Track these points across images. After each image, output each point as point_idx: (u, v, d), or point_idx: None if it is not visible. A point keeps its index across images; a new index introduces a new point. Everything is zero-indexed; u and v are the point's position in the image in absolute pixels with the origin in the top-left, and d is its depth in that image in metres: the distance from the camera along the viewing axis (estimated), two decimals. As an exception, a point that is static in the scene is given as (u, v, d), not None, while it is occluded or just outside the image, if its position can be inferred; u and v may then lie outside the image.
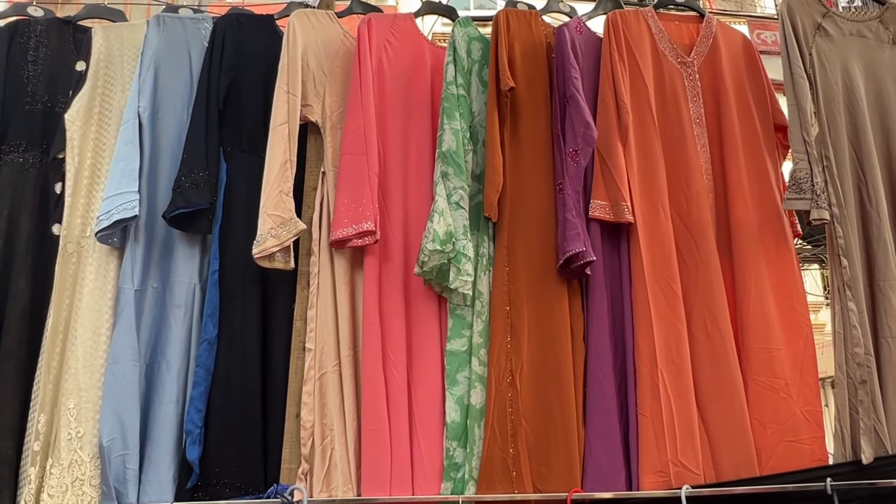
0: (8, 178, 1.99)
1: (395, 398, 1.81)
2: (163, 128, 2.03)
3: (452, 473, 1.77)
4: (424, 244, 1.75)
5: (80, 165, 2.00)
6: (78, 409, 1.80)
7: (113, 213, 1.84)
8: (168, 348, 1.85)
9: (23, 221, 1.96)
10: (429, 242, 1.74)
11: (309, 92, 2.03)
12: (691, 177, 1.97)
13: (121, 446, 1.75)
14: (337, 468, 1.77)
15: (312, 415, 1.79)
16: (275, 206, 1.83)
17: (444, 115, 1.93)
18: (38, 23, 2.17)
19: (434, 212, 1.79)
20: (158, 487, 1.76)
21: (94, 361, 1.84)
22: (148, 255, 1.94)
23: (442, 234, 1.76)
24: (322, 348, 1.85)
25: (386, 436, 1.77)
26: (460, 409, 1.81)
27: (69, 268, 1.93)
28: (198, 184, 1.88)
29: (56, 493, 1.74)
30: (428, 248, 1.74)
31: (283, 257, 1.85)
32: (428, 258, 1.75)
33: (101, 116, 2.06)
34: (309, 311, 1.88)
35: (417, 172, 2.01)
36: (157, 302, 1.91)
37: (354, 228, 1.84)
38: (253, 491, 1.77)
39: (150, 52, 2.07)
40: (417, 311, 1.89)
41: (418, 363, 1.85)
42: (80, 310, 1.87)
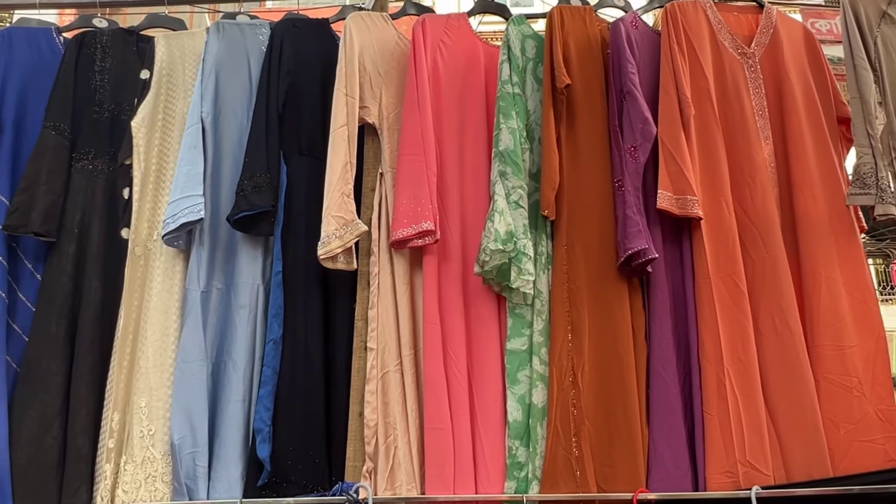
0: (78, 184, 2.04)
1: (457, 397, 1.79)
2: (224, 132, 2.06)
3: (516, 472, 1.75)
4: (485, 244, 1.74)
5: (146, 171, 2.04)
6: (149, 408, 1.84)
7: (179, 217, 1.87)
8: (234, 348, 1.87)
9: (93, 226, 2.01)
10: (490, 242, 1.72)
11: (366, 94, 2.03)
12: (755, 170, 1.91)
13: (191, 444, 1.78)
14: (401, 466, 1.76)
15: (376, 413, 1.79)
16: (338, 208, 1.84)
17: (501, 113, 1.91)
18: (103, 33, 2.21)
19: (494, 211, 1.77)
20: (227, 484, 1.78)
21: (163, 361, 1.87)
22: (212, 257, 1.97)
23: (503, 233, 1.73)
24: (383, 348, 1.84)
25: (448, 434, 1.76)
26: (522, 408, 1.78)
27: (137, 270, 1.97)
28: (260, 187, 1.89)
29: (130, 488, 1.78)
30: (490, 248, 1.72)
31: (346, 258, 1.86)
32: (489, 258, 1.73)
33: (165, 123, 2.10)
34: (370, 311, 1.88)
35: (474, 171, 1.99)
36: (222, 303, 1.94)
37: (414, 228, 1.83)
38: (318, 489, 1.78)
39: (211, 58, 2.10)
40: (477, 310, 1.88)
41: (478, 362, 1.84)
42: (149, 311, 1.91)
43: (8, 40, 2.16)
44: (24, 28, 2.24)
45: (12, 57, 2.14)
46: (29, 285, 1.99)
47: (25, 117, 2.11)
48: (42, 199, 1.95)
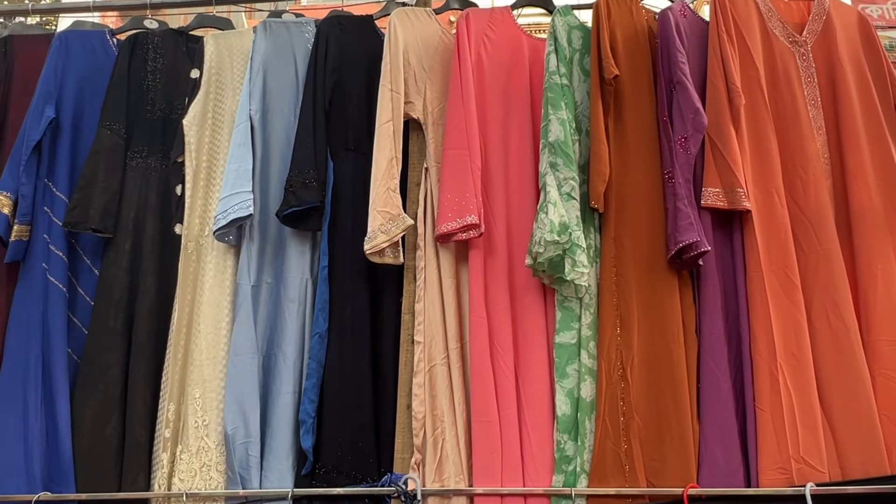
0: (133, 182, 2.08)
1: (504, 390, 1.79)
2: (272, 129, 2.08)
3: (564, 466, 1.74)
4: (540, 235, 1.72)
5: (196, 168, 2.08)
6: (203, 399, 1.87)
7: (229, 213, 1.90)
8: (284, 341, 1.90)
9: (148, 222, 2.06)
10: (545, 233, 1.70)
11: (410, 89, 2.03)
12: (808, 161, 1.86)
13: (243, 434, 1.81)
14: (448, 459, 1.77)
15: (423, 406, 1.80)
16: (384, 203, 1.84)
17: (549, 105, 1.89)
18: (154, 35, 2.26)
19: (547, 202, 1.75)
20: (279, 474, 1.80)
21: (216, 353, 1.91)
22: (262, 252, 2.00)
23: (557, 224, 1.71)
24: (430, 341, 1.85)
25: (496, 427, 1.75)
26: (570, 401, 1.77)
27: (190, 265, 2.01)
28: (308, 183, 1.91)
29: (186, 477, 1.82)
30: (545, 239, 1.70)
31: (393, 252, 1.86)
32: (543, 249, 1.71)
33: (215, 121, 2.13)
34: (416, 305, 1.88)
35: (518, 165, 1.98)
36: (272, 297, 1.96)
37: (459, 222, 1.83)
38: (367, 479, 1.79)
39: (259, 56, 2.13)
40: (523, 303, 1.87)
41: (525, 356, 1.83)
42: (202, 305, 1.95)
43: (65, 44, 2.22)
44: (79, 31, 2.30)
45: (69, 59, 2.20)
46: (88, 280, 2.05)
47: (82, 117, 2.17)
48: (99, 196, 2.01)
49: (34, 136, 2.05)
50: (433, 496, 1.75)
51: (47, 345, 1.94)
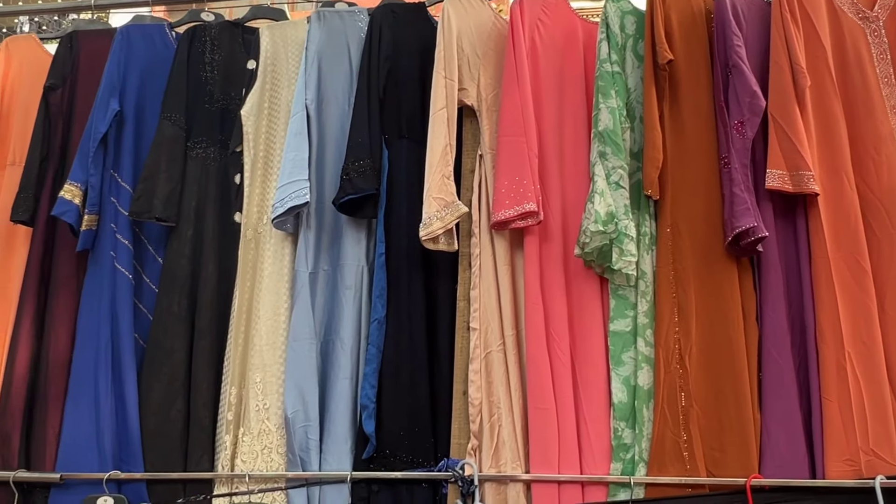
0: (193, 172, 2.12)
1: (560, 378, 1.77)
2: (327, 118, 2.10)
3: (622, 454, 1.72)
4: (586, 225, 1.69)
5: (254, 157, 2.11)
6: (263, 383, 1.91)
7: (287, 201, 1.93)
8: (341, 327, 1.92)
9: (208, 211, 2.10)
10: (590, 223, 1.68)
11: (464, 76, 2.01)
12: (880, 142, 1.78)
13: (303, 418, 1.84)
14: (505, 445, 1.77)
15: (479, 392, 1.80)
16: (438, 190, 1.84)
17: (599, 93, 1.85)
18: (211, 27, 2.29)
19: (594, 192, 1.73)
20: (338, 457, 1.83)
21: (275, 339, 1.94)
22: (319, 240, 2.02)
23: (603, 214, 1.69)
24: (486, 328, 1.84)
25: (553, 415, 1.74)
26: (627, 389, 1.74)
27: (249, 253, 2.05)
28: (364, 171, 1.92)
29: (248, 458, 1.86)
30: (590, 230, 1.68)
31: (447, 239, 1.86)
32: (590, 239, 1.69)
33: (271, 111, 2.16)
34: (472, 292, 1.88)
35: (574, 151, 1.95)
36: (329, 284, 1.98)
37: (516, 210, 1.81)
38: (424, 464, 1.80)
39: (314, 46, 2.14)
40: (579, 291, 1.85)
41: (581, 343, 1.81)
42: (261, 292, 1.98)
43: (127, 38, 2.27)
44: (139, 25, 2.35)
45: (131, 53, 2.25)
46: (152, 268, 2.11)
47: (144, 109, 2.21)
48: (162, 186, 2.05)
49: (101, 129, 2.10)
50: (490, 482, 1.75)
51: (116, 330, 2.00)
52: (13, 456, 1.93)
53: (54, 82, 2.25)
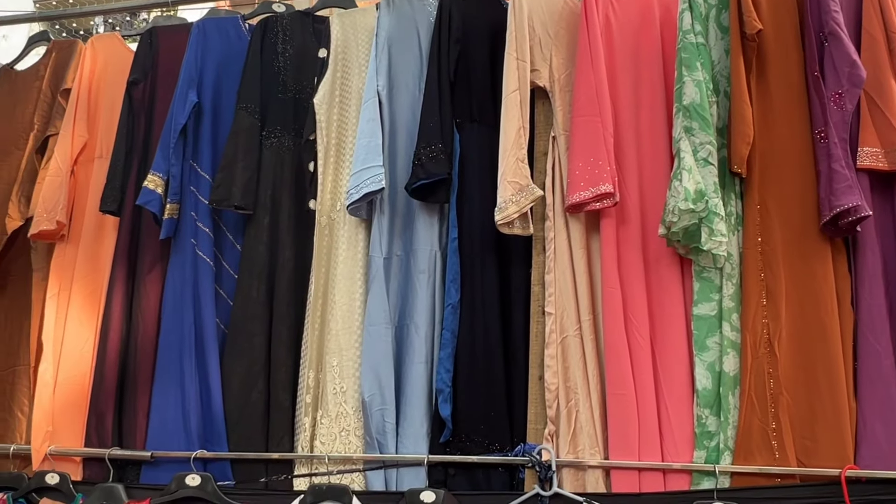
0: (269, 161, 2.16)
1: (640, 363, 1.72)
2: (398, 104, 2.09)
3: (706, 442, 1.65)
4: (674, 203, 1.62)
5: (327, 145, 2.12)
6: (340, 367, 1.93)
7: (362, 187, 1.93)
8: (415, 312, 1.92)
9: (284, 199, 2.13)
10: (679, 201, 1.61)
11: (536, 57, 1.97)
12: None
13: (380, 402, 1.85)
14: (583, 431, 1.73)
15: (556, 377, 1.77)
16: (513, 174, 1.80)
17: (683, 66, 1.77)
18: (283, 18, 2.31)
19: (681, 169, 1.65)
20: (414, 441, 1.83)
21: (351, 324, 1.95)
22: (392, 226, 2.02)
23: (692, 191, 1.61)
24: (562, 312, 1.81)
25: (632, 401, 1.70)
26: (712, 375, 1.68)
27: (324, 239, 2.07)
28: (436, 155, 1.91)
29: (326, 440, 1.89)
30: (679, 208, 1.60)
31: (522, 223, 1.83)
32: (678, 218, 1.62)
33: (342, 98, 2.17)
34: (546, 276, 1.85)
35: (651, 130, 1.88)
36: (402, 269, 1.98)
37: (592, 192, 1.76)
38: (499, 448, 1.79)
39: (384, 32, 2.13)
40: (658, 274, 1.78)
41: (661, 328, 1.75)
42: (336, 277, 2.00)
43: (203, 31, 2.32)
44: (214, 18, 2.40)
45: (207, 46, 2.30)
46: (231, 254, 2.16)
47: (221, 100, 2.26)
48: (240, 175, 2.09)
49: (181, 120, 2.16)
50: (568, 467, 1.73)
51: (199, 314, 2.06)
52: (108, 434, 2.02)
53: (136, 77, 2.32)
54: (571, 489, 1.69)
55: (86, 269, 2.22)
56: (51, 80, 2.44)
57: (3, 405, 2.16)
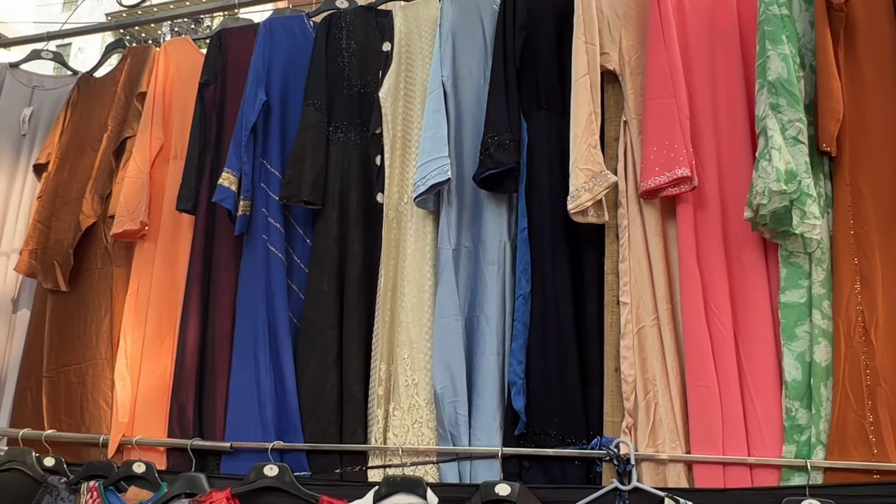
0: (336, 155, 2.17)
1: (722, 354, 1.65)
2: (463, 94, 2.07)
3: (795, 436, 1.57)
4: (763, 185, 1.54)
5: (393, 138, 2.12)
6: (411, 359, 1.93)
7: (428, 179, 1.92)
8: (485, 303, 1.89)
9: (352, 193, 2.14)
10: (771, 182, 1.52)
11: (605, 39, 1.91)
12: None
13: (451, 394, 1.84)
14: (662, 424, 1.67)
15: (633, 369, 1.71)
16: (585, 160, 1.75)
17: (767, 39, 1.67)
18: (346, 13, 2.32)
19: (770, 148, 1.56)
20: (487, 433, 1.81)
21: (421, 316, 1.95)
22: (460, 217, 2.00)
23: (783, 171, 1.52)
24: (638, 302, 1.75)
25: (715, 393, 1.62)
26: (801, 366, 1.59)
27: (392, 232, 2.07)
28: (504, 144, 1.87)
29: (399, 432, 1.89)
30: (771, 189, 1.52)
31: (597, 211, 1.77)
32: (768, 200, 1.53)
33: (407, 91, 2.16)
34: (621, 265, 1.79)
35: (728, 110, 1.79)
36: (471, 260, 1.96)
37: (668, 176, 1.69)
38: (575, 441, 1.75)
39: (447, 23, 2.11)
40: (740, 260, 1.70)
41: (745, 317, 1.67)
42: (405, 270, 1.99)
43: (269, 31, 2.35)
44: (280, 18, 2.43)
45: (274, 45, 2.33)
46: (301, 249, 2.18)
47: (288, 98, 2.29)
48: (309, 171, 2.11)
49: (251, 119, 2.20)
50: (647, 461, 1.67)
51: (272, 308, 2.09)
52: (189, 425, 2.08)
53: (207, 79, 2.38)
54: (651, 484, 1.63)
55: (164, 266, 2.29)
56: (126, 84, 2.53)
57: (87, 397, 2.25)
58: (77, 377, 2.25)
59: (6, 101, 2.67)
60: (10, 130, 2.64)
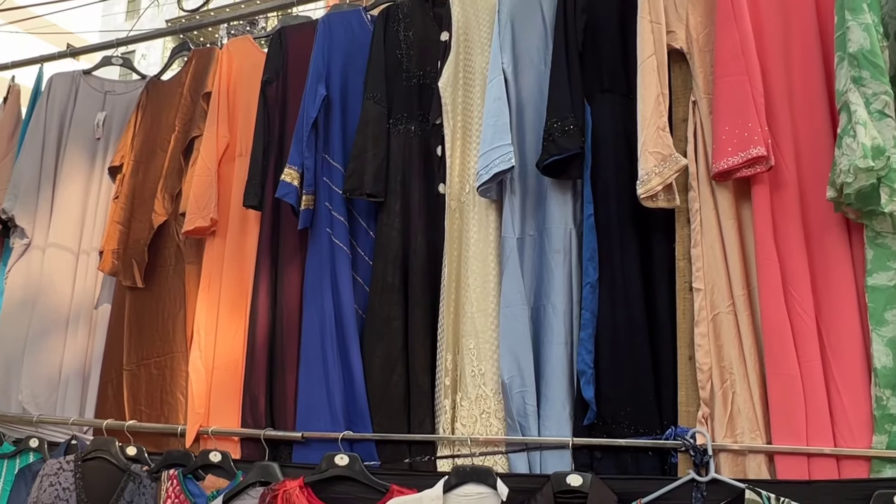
0: (397, 147, 2.18)
1: (804, 340, 1.57)
2: (524, 80, 2.03)
3: (887, 426, 1.48)
4: (849, 162, 1.45)
5: (453, 128, 2.11)
6: (477, 350, 1.92)
7: (491, 167, 1.90)
8: (552, 292, 1.86)
9: (414, 184, 2.14)
10: (857, 159, 1.44)
11: (671, 17, 1.84)
12: None
13: (519, 384, 1.82)
14: (741, 413, 1.61)
15: (708, 357, 1.65)
16: (654, 143, 1.70)
17: (845, 9, 1.58)
18: (403, 5, 2.32)
19: (854, 123, 1.47)
20: (557, 423, 1.79)
21: (486, 306, 1.93)
22: (524, 205, 1.97)
23: (870, 147, 1.44)
24: (712, 288, 1.69)
25: (797, 381, 1.55)
26: (892, 352, 1.49)
27: (454, 223, 2.06)
28: (568, 129, 1.83)
29: (467, 422, 1.88)
30: (857, 166, 1.43)
31: (667, 195, 1.72)
32: (853, 178, 1.45)
33: (466, 79, 2.14)
34: (693, 250, 1.73)
35: (804, 86, 1.70)
36: (536, 249, 1.94)
37: (742, 156, 1.62)
38: (647, 432, 1.70)
39: (506, 9, 2.08)
40: (821, 242, 1.62)
41: (828, 301, 1.59)
42: (469, 260, 1.98)
43: (328, 26, 2.37)
44: (338, 13, 2.45)
45: (333, 40, 2.35)
46: (365, 241, 2.20)
47: (348, 92, 2.31)
48: (371, 163, 2.12)
49: (312, 114, 2.22)
50: (725, 452, 1.61)
51: (338, 301, 2.12)
52: (261, 416, 2.13)
53: (269, 77, 2.42)
54: (730, 475, 1.58)
55: (233, 261, 2.35)
56: (191, 85, 2.60)
57: (166, 389, 2.33)
58: (157, 370, 2.34)
59: (81, 107, 2.78)
60: (86, 135, 2.75)
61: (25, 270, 2.60)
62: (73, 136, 2.74)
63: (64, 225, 2.64)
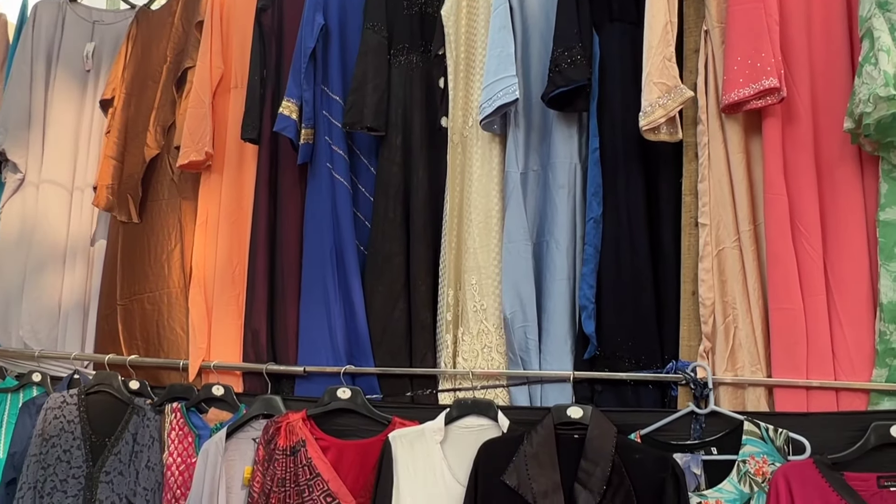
0: (398, 79, 2.11)
1: (809, 275, 1.57)
2: (530, 9, 1.96)
3: (888, 359, 1.49)
4: (868, 91, 1.41)
5: (456, 59, 2.04)
6: (479, 285, 1.91)
7: (495, 100, 1.84)
8: (555, 227, 1.84)
9: (415, 118, 2.08)
10: (878, 87, 1.39)
11: (685, -60, 1.77)
12: None
13: (521, 318, 1.82)
14: (742, 347, 1.62)
15: (712, 292, 1.65)
16: (659, 74, 1.65)
17: (869, -69, 1.51)
18: (404, -71, 2.22)
19: (877, 50, 1.42)
20: (558, 357, 1.79)
21: (488, 241, 1.91)
22: (528, 139, 1.93)
23: (893, 75, 1.39)
24: (718, 223, 1.67)
25: (800, 315, 1.55)
26: (898, 288, 1.50)
27: (457, 157, 2.02)
28: (575, 60, 1.77)
29: (469, 357, 1.89)
30: (878, 95, 1.39)
31: (670, 128, 1.68)
32: (873, 108, 1.40)
33: (470, 8, 2.05)
34: (700, 185, 1.70)
35: (824, 13, 1.65)
36: (540, 184, 1.90)
37: (753, 88, 1.58)
38: (649, 365, 1.72)
39: (511, -69, 1.99)
40: (832, 177, 1.60)
41: (836, 236, 1.57)
42: (471, 195, 1.95)
43: (325, -49, 2.27)
44: (336, -61, 2.33)
45: (330, -33, 2.25)
46: (366, 177, 2.16)
47: (347, 21, 2.22)
48: (371, 96, 2.06)
49: (309, 44, 2.14)
50: (725, 386, 1.63)
51: (339, 236, 2.09)
52: (263, 350, 2.13)
53: (265, 3, 2.32)
54: (729, 408, 1.59)
55: (231, 196, 2.30)
56: (183, 14, 2.50)
57: (164, 324, 2.31)
58: (151, 304, 2.32)
59: (69, 37, 2.68)
60: (75, 66, 2.66)
61: (21, 206, 2.56)
62: (61, 68, 2.64)
63: (57, 160, 2.58)
